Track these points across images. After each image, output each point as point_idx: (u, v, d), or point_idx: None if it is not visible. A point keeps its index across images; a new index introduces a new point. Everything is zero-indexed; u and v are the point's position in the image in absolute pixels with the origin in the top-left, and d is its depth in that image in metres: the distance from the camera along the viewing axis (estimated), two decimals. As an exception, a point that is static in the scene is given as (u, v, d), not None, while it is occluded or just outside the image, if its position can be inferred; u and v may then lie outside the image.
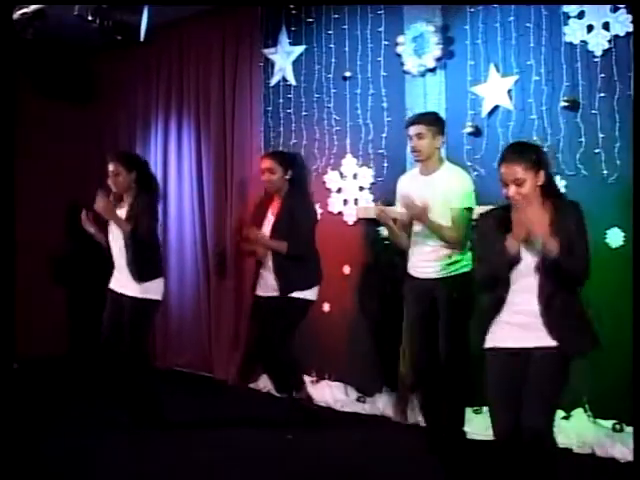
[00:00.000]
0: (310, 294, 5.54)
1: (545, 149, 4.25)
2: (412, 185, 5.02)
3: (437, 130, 4.92)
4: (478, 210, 4.66)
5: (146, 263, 5.46)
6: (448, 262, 4.84)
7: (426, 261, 4.90)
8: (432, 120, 4.97)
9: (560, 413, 4.55)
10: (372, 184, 6.24)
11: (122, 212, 5.49)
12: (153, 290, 5.48)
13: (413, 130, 4.90)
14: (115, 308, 5.51)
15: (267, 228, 5.60)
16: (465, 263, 4.84)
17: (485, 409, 4.99)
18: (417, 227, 4.92)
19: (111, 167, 5.52)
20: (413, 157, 5.06)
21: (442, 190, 4.81)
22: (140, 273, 5.41)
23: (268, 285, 5.57)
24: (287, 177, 5.58)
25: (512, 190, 3.55)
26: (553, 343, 3.51)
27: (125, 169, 5.51)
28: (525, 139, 5.20)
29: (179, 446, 5.20)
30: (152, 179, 5.71)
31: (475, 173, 5.44)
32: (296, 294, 5.48)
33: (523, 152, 3.62)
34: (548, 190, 3.65)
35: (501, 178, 3.61)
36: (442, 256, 4.85)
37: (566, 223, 3.53)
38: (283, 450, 5.16)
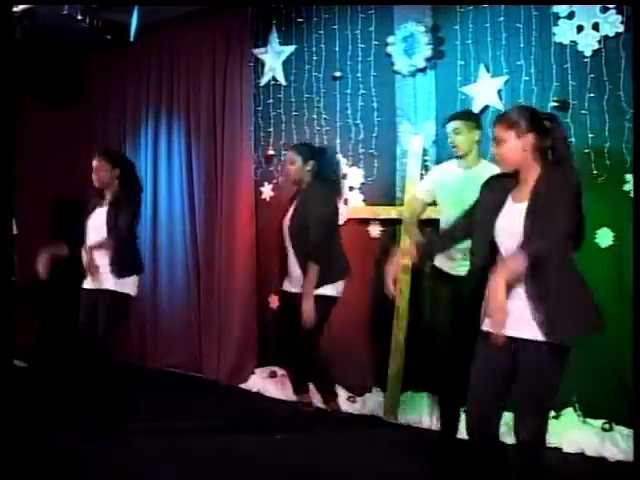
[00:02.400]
0: (329, 290, 5.41)
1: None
2: (451, 176, 5.01)
3: (475, 125, 4.95)
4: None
5: (124, 260, 5.45)
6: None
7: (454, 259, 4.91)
8: (469, 115, 5.02)
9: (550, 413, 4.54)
10: (362, 184, 6.23)
11: (102, 211, 5.50)
12: (129, 286, 5.47)
13: (451, 126, 4.94)
14: (90, 307, 5.49)
15: (287, 219, 5.54)
16: None
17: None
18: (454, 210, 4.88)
19: (95, 162, 5.57)
20: (453, 152, 5.01)
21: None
22: (119, 270, 5.40)
23: (294, 280, 5.51)
24: (307, 168, 5.50)
25: (493, 148, 3.60)
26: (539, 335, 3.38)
27: (110, 164, 5.54)
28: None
29: (169, 447, 5.20)
30: (135, 180, 5.70)
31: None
32: (319, 290, 5.37)
33: (511, 113, 3.60)
34: (544, 156, 3.55)
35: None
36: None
37: (553, 194, 3.40)
38: (273, 450, 5.15)
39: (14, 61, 4.15)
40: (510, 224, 3.47)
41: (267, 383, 6.76)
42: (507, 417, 3.61)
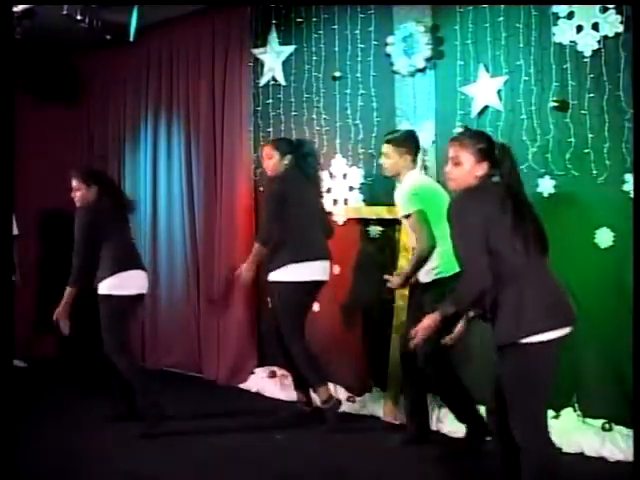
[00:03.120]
0: (280, 274, 5.54)
1: (535, 148, 4.23)
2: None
3: (406, 150, 5.12)
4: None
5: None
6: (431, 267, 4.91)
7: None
8: (401, 140, 5.15)
9: (549, 412, 4.54)
10: (362, 184, 6.23)
11: None
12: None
13: (383, 148, 5.20)
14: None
15: None
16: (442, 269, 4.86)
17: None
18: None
19: (73, 183, 5.67)
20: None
21: (399, 198, 5.04)
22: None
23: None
24: (285, 162, 5.63)
25: (448, 168, 3.65)
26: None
27: (84, 185, 5.65)
28: (515, 139, 5.24)
29: (169, 446, 5.20)
30: (117, 195, 5.84)
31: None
32: (271, 276, 5.59)
33: (471, 137, 3.68)
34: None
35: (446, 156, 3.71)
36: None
37: None
38: (272, 450, 5.15)
39: (14, 61, 4.15)
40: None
41: (266, 383, 6.76)
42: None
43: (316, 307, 6.19)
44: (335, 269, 6.01)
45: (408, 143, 5.13)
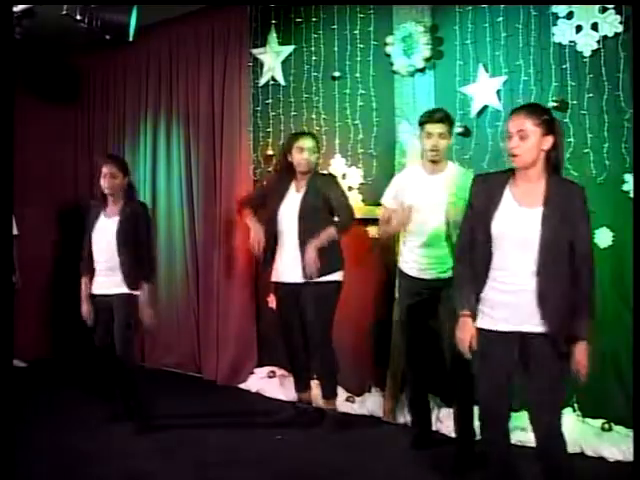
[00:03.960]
0: (340, 275, 5.60)
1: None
2: (418, 181, 5.00)
3: (452, 128, 4.98)
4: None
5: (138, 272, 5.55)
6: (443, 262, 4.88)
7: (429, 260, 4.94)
8: (451, 119, 4.98)
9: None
10: (361, 184, 6.23)
11: (113, 221, 5.52)
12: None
13: (437, 128, 4.86)
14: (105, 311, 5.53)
15: (291, 205, 5.58)
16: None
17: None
18: (425, 217, 4.90)
19: (106, 168, 5.53)
20: (430, 156, 4.92)
21: (452, 188, 4.82)
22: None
23: (281, 270, 5.61)
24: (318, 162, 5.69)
25: (514, 142, 3.47)
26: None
27: (122, 172, 5.57)
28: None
29: (168, 446, 5.20)
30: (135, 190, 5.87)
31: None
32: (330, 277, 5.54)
33: (535, 108, 3.56)
34: (553, 162, 3.55)
35: (506, 131, 3.56)
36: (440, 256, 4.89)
37: (569, 206, 3.45)
38: (272, 450, 5.15)
39: (14, 61, 4.14)
40: (518, 228, 3.48)
41: (266, 383, 6.76)
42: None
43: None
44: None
45: (453, 123, 5.03)
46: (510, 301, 3.50)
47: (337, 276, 5.53)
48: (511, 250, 3.49)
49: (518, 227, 3.47)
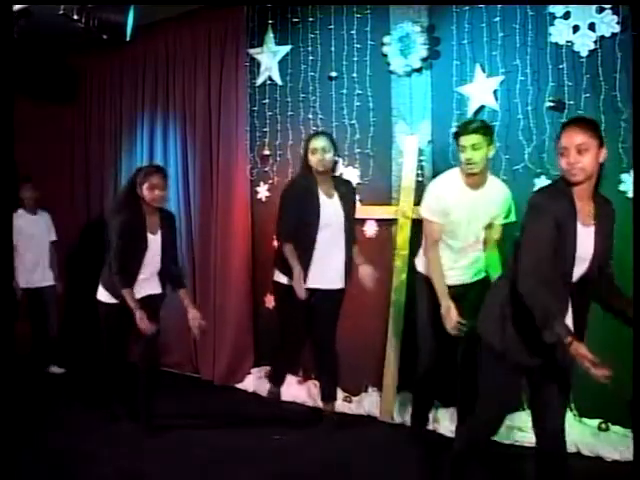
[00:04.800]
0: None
1: (531, 148, 4.24)
2: (463, 196, 4.80)
3: (491, 139, 4.75)
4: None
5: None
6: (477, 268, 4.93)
7: (457, 267, 4.95)
8: (488, 130, 4.76)
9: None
10: (358, 184, 6.22)
11: (157, 236, 5.52)
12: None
13: (469, 140, 4.67)
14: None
15: (332, 209, 5.43)
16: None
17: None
18: (463, 232, 4.87)
19: (157, 179, 5.37)
20: (466, 169, 4.74)
21: (493, 206, 4.80)
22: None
23: (327, 277, 5.47)
24: (335, 159, 5.56)
25: (572, 157, 3.31)
26: None
27: (166, 182, 5.48)
28: (511, 139, 5.26)
29: (165, 446, 5.20)
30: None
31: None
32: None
33: (589, 121, 3.43)
34: (599, 177, 3.45)
35: (560, 147, 3.37)
36: (469, 263, 4.94)
37: (607, 225, 3.47)
38: (270, 450, 5.15)
39: (14, 61, 4.13)
40: (584, 249, 3.44)
41: (263, 383, 6.75)
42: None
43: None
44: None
45: (491, 131, 4.82)
46: None
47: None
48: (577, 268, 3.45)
49: (581, 245, 3.41)
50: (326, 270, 5.43)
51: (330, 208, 5.41)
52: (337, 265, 5.46)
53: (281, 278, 5.54)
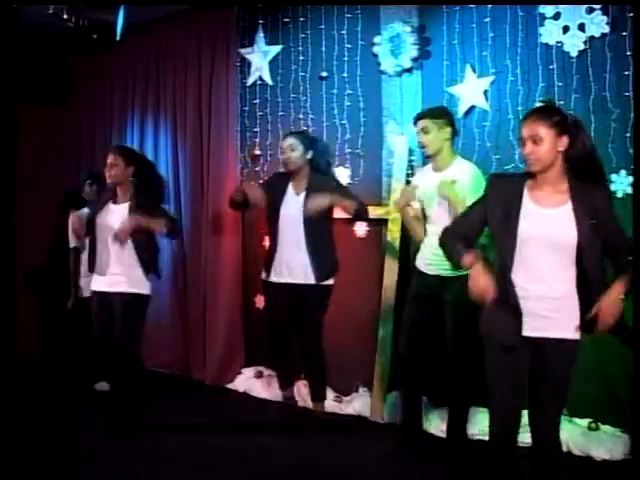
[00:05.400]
0: (332, 280, 5.56)
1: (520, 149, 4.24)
2: (424, 181, 5.02)
3: (444, 122, 4.90)
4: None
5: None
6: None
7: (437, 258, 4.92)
8: (437, 113, 4.94)
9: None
10: (348, 184, 6.22)
11: (122, 207, 5.45)
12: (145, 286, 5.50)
13: (418, 125, 4.91)
14: (104, 308, 5.48)
15: (294, 205, 5.48)
16: None
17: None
18: (434, 214, 4.92)
19: (109, 158, 5.44)
20: (423, 153, 5.09)
21: (457, 187, 4.77)
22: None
23: (295, 271, 5.49)
24: (308, 157, 5.53)
25: (528, 147, 3.41)
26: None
27: (123, 161, 5.45)
28: (501, 139, 5.27)
29: (156, 447, 5.19)
30: (155, 180, 5.65)
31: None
32: (327, 282, 5.51)
33: (546, 110, 3.51)
34: (573, 162, 3.46)
35: (520, 136, 3.47)
36: None
37: (594, 205, 3.38)
38: (259, 450, 5.14)
39: (14, 61, 4.11)
40: (545, 232, 3.43)
41: (254, 383, 6.75)
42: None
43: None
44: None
45: (444, 116, 4.95)
46: (532, 307, 3.44)
47: (331, 281, 5.53)
48: (540, 254, 3.43)
49: (547, 229, 3.41)
50: (291, 265, 5.49)
51: (292, 205, 5.48)
52: (301, 260, 5.45)
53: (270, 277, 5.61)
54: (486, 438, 3.75)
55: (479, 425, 5.06)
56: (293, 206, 5.49)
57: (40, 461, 4.89)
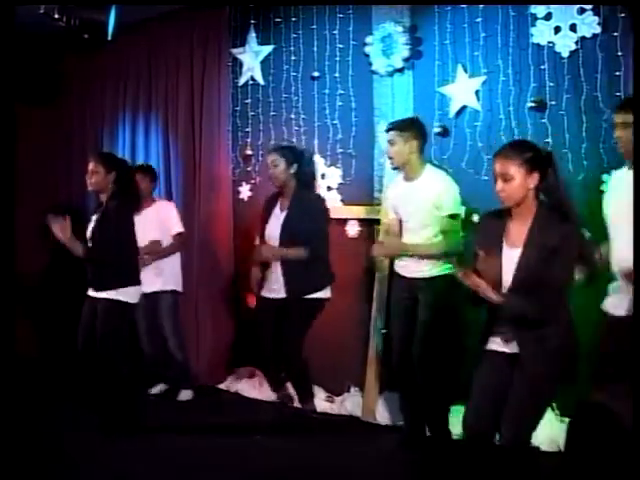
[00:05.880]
0: (325, 294, 5.52)
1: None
2: (395, 192, 5.15)
3: (411, 135, 4.96)
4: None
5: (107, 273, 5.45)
6: (435, 263, 4.90)
7: (413, 260, 4.96)
8: (404, 126, 5.00)
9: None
10: (340, 184, 6.23)
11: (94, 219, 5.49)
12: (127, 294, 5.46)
13: (387, 137, 5.01)
14: (90, 313, 5.48)
15: (275, 224, 5.53)
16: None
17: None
18: (409, 224, 5.00)
19: (90, 165, 5.47)
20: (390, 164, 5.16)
21: (425, 197, 4.85)
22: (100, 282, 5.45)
23: (275, 287, 5.52)
24: (292, 171, 5.53)
25: (499, 185, 3.51)
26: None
27: (104, 168, 5.45)
28: (493, 139, 5.27)
29: (146, 447, 5.18)
30: (133, 186, 5.67)
31: (443, 173, 5.46)
32: (309, 296, 5.46)
33: (517, 148, 3.58)
34: (545, 196, 3.58)
35: (493, 172, 3.58)
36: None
37: (551, 243, 3.43)
38: (251, 451, 5.14)
39: (14, 62, 4.09)
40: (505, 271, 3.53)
41: (245, 383, 6.75)
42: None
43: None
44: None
45: (411, 128, 5.01)
46: None
47: (321, 294, 5.49)
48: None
49: (504, 268, 3.54)
50: (270, 279, 5.57)
51: (274, 222, 5.56)
52: (278, 276, 5.50)
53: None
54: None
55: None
56: (274, 224, 5.55)
57: (40, 461, 4.89)
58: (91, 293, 5.47)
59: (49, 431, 5.56)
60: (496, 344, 3.62)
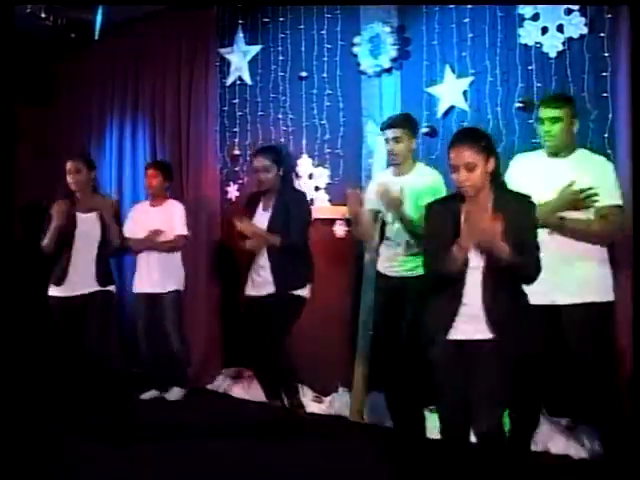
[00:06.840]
0: (306, 292, 5.48)
1: (500, 149, 4.28)
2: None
3: (412, 131, 4.93)
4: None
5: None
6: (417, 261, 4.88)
7: (396, 259, 4.93)
8: (407, 122, 4.96)
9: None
10: (328, 184, 6.24)
11: (91, 215, 5.48)
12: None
13: (391, 133, 4.88)
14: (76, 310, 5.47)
15: (260, 223, 5.50)
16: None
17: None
18: (391, 224, 4.94)
19: (70, 164, 5.50)
20: (390, 160, 5.06)
21: (415, 191, 4.82)
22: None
23: (262, 283, 5.49)
24: (280, 174, 5.53)
25: (462, 175, 3.47)
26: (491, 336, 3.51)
27: (85, 167, 5.51)
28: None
29: (136, 448, 5.16)
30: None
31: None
32: (293, 292, 5.43)
33: (474, 136, 3.57)
34: (497, 180, 3.60)
35: (450, 163, 3.55)
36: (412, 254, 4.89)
37: (516, 219, 3.45)
38: (240, 451, 5.13)
39: (14, 62, 4.08)
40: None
41: (233, 384, 6.74)
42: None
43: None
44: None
45: (411, 124, 4.98)
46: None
47: (301, 292, 5.46)
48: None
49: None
50: (255, 277, 5.54)
51: (259, 221, 5.53)
52: (263, 273, 5.48)
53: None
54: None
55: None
56: (259, 222, 5.52)
57: (39, 462, 4.88)
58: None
59: (46, 432, 5.56)
60: (460, 332, 3.58)
